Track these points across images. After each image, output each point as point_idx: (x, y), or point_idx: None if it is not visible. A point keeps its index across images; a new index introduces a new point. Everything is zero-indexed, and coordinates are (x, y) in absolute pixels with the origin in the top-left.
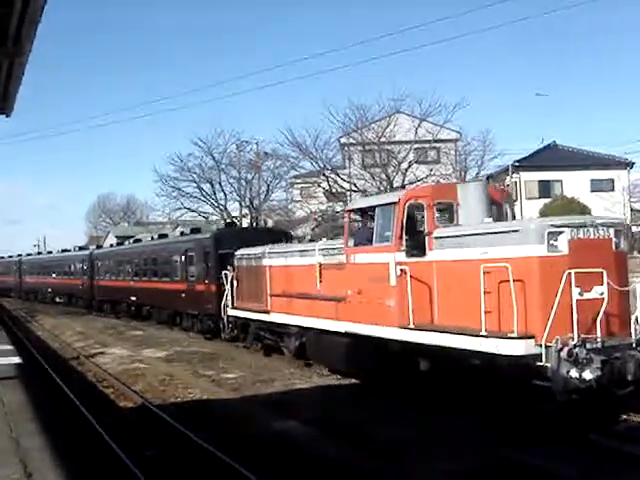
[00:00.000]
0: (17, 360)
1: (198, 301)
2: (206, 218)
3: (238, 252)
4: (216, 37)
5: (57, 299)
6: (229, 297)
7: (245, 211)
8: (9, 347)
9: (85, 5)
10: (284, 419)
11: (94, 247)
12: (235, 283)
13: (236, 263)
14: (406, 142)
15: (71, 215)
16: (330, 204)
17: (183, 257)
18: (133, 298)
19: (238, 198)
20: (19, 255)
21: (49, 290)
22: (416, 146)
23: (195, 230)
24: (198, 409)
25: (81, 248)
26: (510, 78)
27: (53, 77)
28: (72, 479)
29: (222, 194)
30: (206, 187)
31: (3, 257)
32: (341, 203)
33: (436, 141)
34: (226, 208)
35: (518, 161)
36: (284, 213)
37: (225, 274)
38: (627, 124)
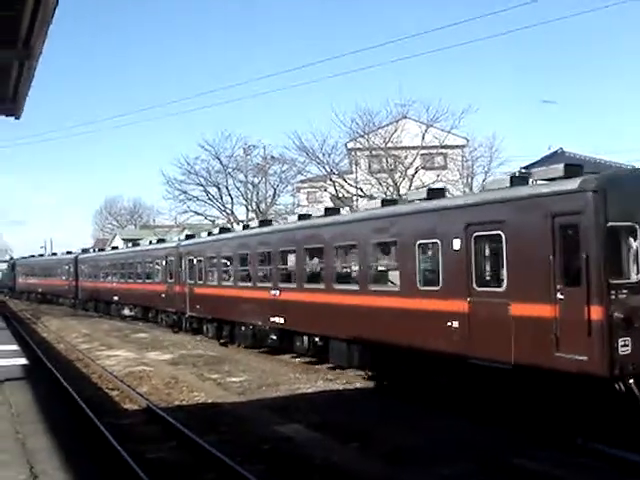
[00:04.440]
0: (23, 361)
1: (174, 301)
2: (213, 222)
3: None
4: (224, 41)
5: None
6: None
7: (252, 215)
8: (15, 348)
9: (87, 7)
10: (289, 423)
11: (79, 252)
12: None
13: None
14: (413, 148)
15: (78, 217)
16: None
17: (164, 262)
18: (115, 298)
19: (245, 202)
20: (11, 258)
21: (39, 290)
22: (423, 152)
23: (160, 240)
24: (203, 412)
25: (69, 252)
26: (517, 85)
27: (59, 78)
28: None
29: (229, 198)
30: (213, 191)
31: None
32: (347, 208)
33: (443, 147)
34: (233, 212)
35: (525, 167)
36: None
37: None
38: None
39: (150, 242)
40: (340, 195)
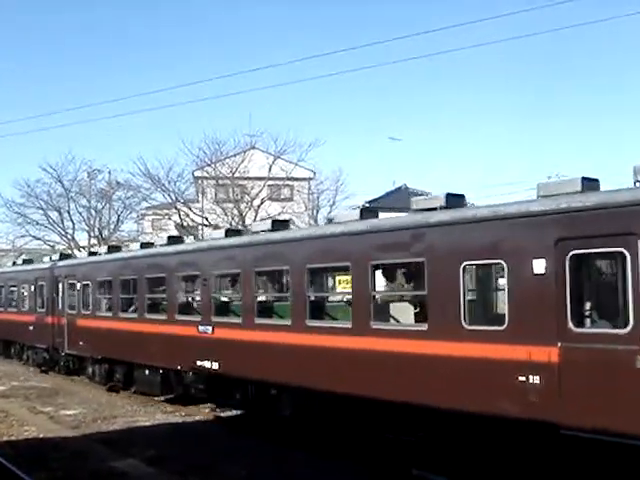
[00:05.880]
0: None
1: (45, 334)
2: (52, 247)
3: None
4: (71, 59)
5: None
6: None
7: (93, 241)
8: None
9: None
10: (125, 457)
11: None
12: None
13: None
14: (260, 178)
15: None
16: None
17: (33, 287)
18: None
19: (87, 227)
20: None
21: None
22: (270, 183)
23: (27, 261)
24: (34, 448)
25: None
26: (364, 120)
27: None
28: None
29: (70, 223)
30: (54, 215)
31: None
32: (191, 237)
33: (289, 179)
34: (74, 237)
35: (369, 202)
36: None
37: None
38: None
39: (14, 263)
40: (185, 224)
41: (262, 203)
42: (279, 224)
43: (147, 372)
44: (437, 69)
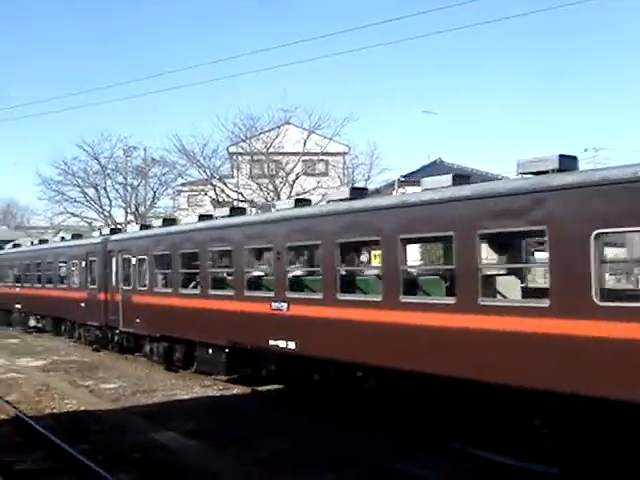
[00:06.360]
0: None
1: (97, 312)
2: (90, 224)
3: None
4: (106, 39)
5: None
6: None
7: (130, 217)
8: None
9: None
10: (164, 430)
11: None
12: None
13: None
14: (294, 154)
15: None
16: None
17: (84, 263)
18: (18, 306)
19: (123, 204)
20: None
21: None
22: (304, 158)
23: (76, 236)
24: (75, 420)
25: None
26: (399, 94)
27: None
28: None
29: (107, 200)
30: (90, 192)
31: None
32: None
33: (324, 154)
34: (110, 214)
35: (404, 176)
36: None
37: None
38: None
39: (62, 238)
40: (220, 199)
41: (297, 178)
42: (357, 192)
43: (210, 351)
44: (472, 42)
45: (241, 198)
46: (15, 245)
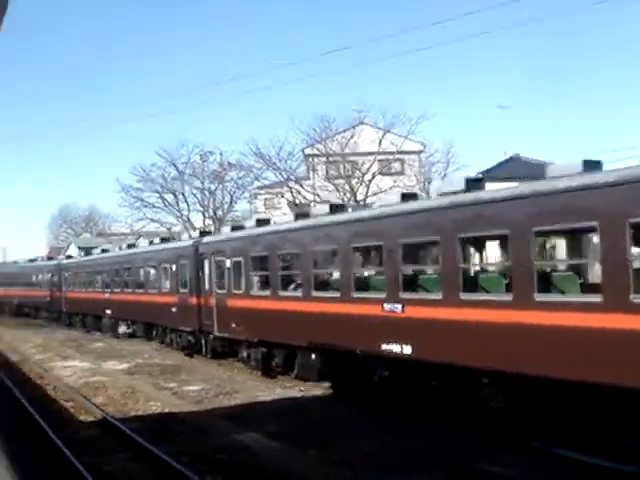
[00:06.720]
0: None
1: (189, 316)
2: (169, 229)
3: None
4: (176, 47)
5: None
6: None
7: (208, 222)
8: None
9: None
10: (247, 432)
11: (63, 257)
12: None
13: None
14: (370, 153)
15: (32, 226)
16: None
17: (174, 266)
18: (108, 311)
19: (201, 209)
20: None
21: (14, 303)
22: (380, 157)
23: (165, 240)
24: (159, 422)
25: (50, 258)
26: (473, 90)
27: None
28: None
29: (185, 205)
30: (169, 197)
31: None
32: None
33: (400, 152)
34: (189, 219)
35: (481, 173)
36: None
37: None
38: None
39: (151, 242)
40: (297, 201)
41: (373, 178)
42: (473, 183)
43: (313, 356)
44: (545, 35)
45: (317, 199)
46: (103, 250)
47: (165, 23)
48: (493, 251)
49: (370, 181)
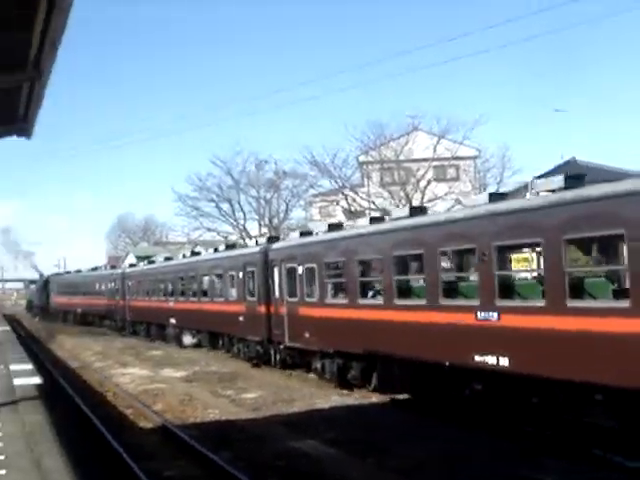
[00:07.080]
0: (37, 380)
1: (257, 325)
2: (225, 237)
3: None
4: (232, 55)
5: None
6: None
7: (264, 230)
8: (29, 367)
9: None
10: (305, 439)
11: (126, 266)
12: None
13: None
14: (425, 160)
15: (91, 236)
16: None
17: (241, 274)
18: (172, 321)
19: (257, 217)
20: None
21: (78, 311)
22: (435, 164)
23: (230, 246)
24: (218, 429)
25: (112, 267)
26: (528, 94)
27: (65, 95)
28: None
29: (241, 213)
30: (225, 206)
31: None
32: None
33: (455, 158)
34: (245, 227)
35: (538, 177)
36: None
37: None
38: None
39: (215, 249)
40: (352, 209)
41: (428, 184)
42: (574, 180)
43: (395, 368)
44: (600, 36)
45: (372, 207)
46: (166, 258)
47: (215, 39)
48: (602, 253)
49: (425, 187)
